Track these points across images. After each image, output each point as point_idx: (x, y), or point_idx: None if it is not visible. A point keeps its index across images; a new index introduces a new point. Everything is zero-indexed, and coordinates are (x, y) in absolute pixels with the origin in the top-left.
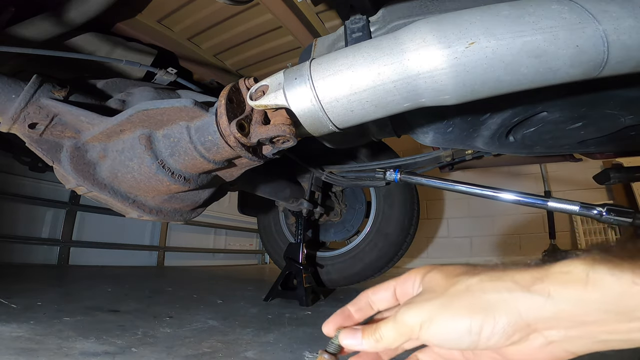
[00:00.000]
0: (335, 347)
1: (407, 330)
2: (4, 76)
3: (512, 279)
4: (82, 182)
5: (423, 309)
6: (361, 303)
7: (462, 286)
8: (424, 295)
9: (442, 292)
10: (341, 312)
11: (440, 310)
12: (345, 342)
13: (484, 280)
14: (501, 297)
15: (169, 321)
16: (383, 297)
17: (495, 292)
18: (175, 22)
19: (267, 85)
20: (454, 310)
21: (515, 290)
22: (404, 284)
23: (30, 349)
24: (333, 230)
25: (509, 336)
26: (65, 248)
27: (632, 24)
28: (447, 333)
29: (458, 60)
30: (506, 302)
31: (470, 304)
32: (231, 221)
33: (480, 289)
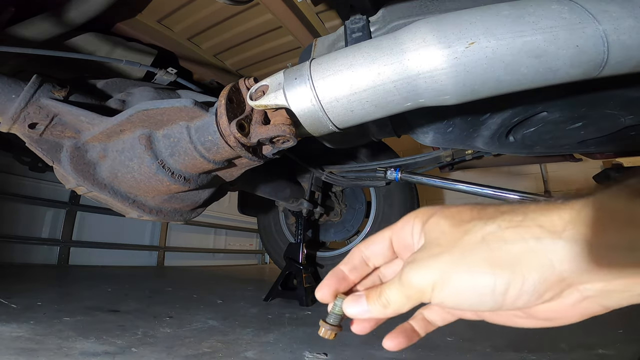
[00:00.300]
0: (335, 317)
1: (416, 293)
2: (4, 76)
3: (538, 224)
4: (82, 182)
5: (433, 267)
6: (354, 261)
7: (477, 236)
8: (430, 249)
9: (453, 245)
10: (334, 274)
11: (454, 267)
12: (349, 311)
13: (503, 228)
14: (528, 248)
15: (169, 321)
16: (378, 250)
17: (521, 241)
18: (175, 22)
19: (267, 85)
20: (472, 267)
21: (544, 238)
22: (401, 232)
23: (30, 349)
24: (333, 230)
25: (540, 295)
26: (65, 248)
27: (632, 24)
28: (466, 294)
29: (458, 60)
30: (535, 253)
31: (491, 257)
32: (231, 221)
33: (501, 238)
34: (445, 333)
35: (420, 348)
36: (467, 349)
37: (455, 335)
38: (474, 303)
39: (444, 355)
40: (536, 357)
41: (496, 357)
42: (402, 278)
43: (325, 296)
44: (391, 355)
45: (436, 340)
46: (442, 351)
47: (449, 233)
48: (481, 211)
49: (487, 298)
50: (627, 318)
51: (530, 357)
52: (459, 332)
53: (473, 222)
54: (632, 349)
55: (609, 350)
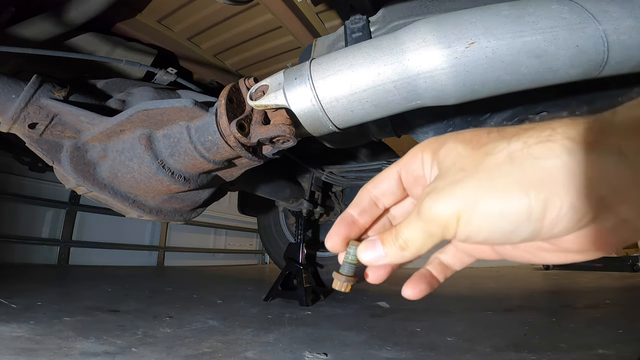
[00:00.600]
0: (349, 267)
1: (438, 228)
2: (4, 76)
3: (568, 137)
4: (82, 182)
5: (456, 194)
6: (363, 202)
7: (502, 155)
8: (450, 176)
9: (475, 167)
10: (342, 220)
11: (481, 192)
12: (364, 258)
13: (530, 144)
14: (562, 164)
15: (169, 321)
16: (387, 189)
17: (553, 157)
18: (175, 22)
19: (267, 85)
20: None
21: (577, 152)
22: (409, 166)
23: (30, 349)
24: None
25: (579, 218)
26: (65, 248)
27: (632, 24)
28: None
29: (458, 60)
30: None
31: (522, 177)
32: (231, 221)
33: (530, 155)
34: (445, 333)
35: (420, 348)
36: (467, 349)
37: (455, 335)
38: (507, 232)
39: (444, 355)
40: (536, 357)
41: (496, 357)
42: (421, 211)
43: (336, 245)
44: (391, 355)
45: (436, 340)
46: (442, 351)
47: (468, 156)
48: (501, 131)
49: (523, 225)
50: (627, 318)
51: (530, 357)
52: (459, 332)
53: (494, 143)
54: (632, 349)
55: (609, 350)
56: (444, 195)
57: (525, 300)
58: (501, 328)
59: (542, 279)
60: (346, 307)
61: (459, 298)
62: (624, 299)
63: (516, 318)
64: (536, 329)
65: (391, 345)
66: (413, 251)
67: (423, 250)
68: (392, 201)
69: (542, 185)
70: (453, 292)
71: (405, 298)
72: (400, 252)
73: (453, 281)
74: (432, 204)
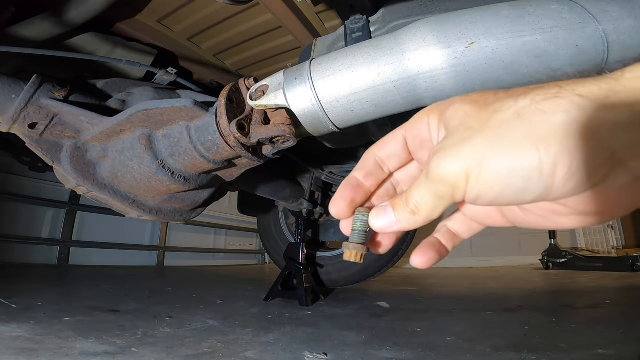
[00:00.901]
0: (359, 235)
1: (447, 188)
2: (4, 76)
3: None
4: (82, 182)
5: (464, 152)
6: (369, 165)
7: (510, 112)
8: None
9: (483, 125)
10: (347, 183)
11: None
12: (376, 224)
13: (538, 101)
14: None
15: (169, 321)
16: (392, 151)
17: (562, 112)
18: (175, 22)
19: (267, 85)
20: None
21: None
22: (415, 129)
23: (30, 349)
24: (333, 230)
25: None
26: (65, 248)
27: (632, 24)
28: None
29: (458, 60)
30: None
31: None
32: (231, 221)
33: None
34: (445, 333)
35: (420, 348)
36: (467, 349)
37: (455, 335)
38: (518, 190)
39: (444, 355)
40: (536, 357)
41: (496, 357)
42: (429, 172)
43: (341, 210)
44: (391, 355)
45: (436, 340)
46: (442, 351)
47: (475, 115)
48: (508, 91)
49: (534, 182)
50: (627, 318)
51: (530, 357)
52: (459, 332)
53: (501, 102)
54: (632, 349)
55: (609, 350)
56: (452, 154)
57: (525, 300)
58: (501, 328)
59: (542, 279)
60: (346, 307)
61: (459, 298)
62: (624, 299)
63: (516, 318)
64: (536, 329)
65: (391, 345)
66: (425, 215)
67: (434, 214)
68: (398, 164)
69: (553, 140)
70: (453, 292)
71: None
72: (412, 217)
73: (453, 281)
74: (439, 163)
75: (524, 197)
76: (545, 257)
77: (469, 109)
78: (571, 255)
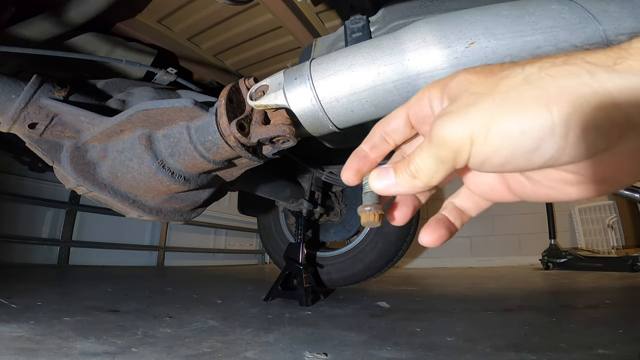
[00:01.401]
0: (370, 197)
1: (449, 152)
2: (4, 76)
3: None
4: (82, 182)
5: (470, 115)
6: (375, 138)
7: (518, 79)
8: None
9: (490, 90)
10: (355, 154)
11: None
12: (376, 186)
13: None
14: (583, 82)
15: (169, 321)
16: (396, 126)
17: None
18: (175, 22)
19: (267, 85)
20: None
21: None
22: (417, 105)
23: (30, 349)
24: (333, 230)
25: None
26: (65, 248)
27: (632, 24)
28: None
29: (458, 60)
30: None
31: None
32: (231, 221)
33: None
34: (445, 333)
35: (420, 348)
36: (467, 349)
37: (455, 335)
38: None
39: (444, 355)
40: (536, 357)
41: (496, 357)
42: (432, 135)
43: (350, 177)
44: (391, 355)
45: (436, 340)
46: (442, 351)
47: (481, 82)
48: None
49: (547, 142)
50: (627, 318)
51: (530, 357)
52: (459, 332)
53: (508, 70)
54: (632, 349)
55: (609, 350)
56: (457, 117)
57: (525, 300)
58: (501, 328)
59: (542, 279)
60: (346, 307)
61: (459, 298)
62: (624, 299)
63: (516, 318)
64: (536, 329)
65: (391, 345)
66: (424, 180)
67: (434, 179)
68: (402, 139)
69: (564, 102)
70: (453, 292)
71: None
72: (412, 181)
73: (453, 281)
74: (443, 125)
75: (534, 161)
76: (545, 257)
77: (474, 77)
78: (571, 255)
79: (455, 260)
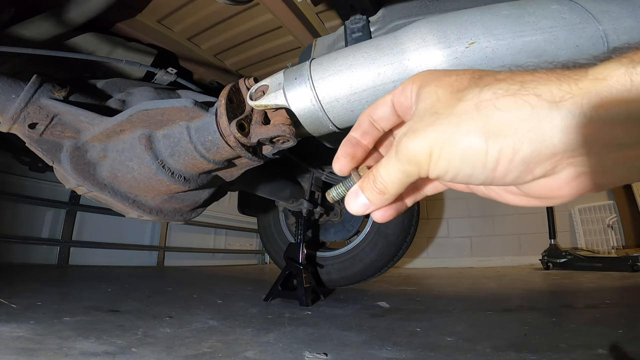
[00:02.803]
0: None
1: (414, 166)
2: (4, 76)
3: (535, 93)
4: (82, 182)
5: (428, 134)
6: (364, 125)
7: (472, 103)
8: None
9: (448, 112)
10: (347, 141)
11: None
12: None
13: (499, 95)
14: (522, 117)
15: (169, 321)
16: (383, 113)
17: (515, 109)
18: (175, 22)
19: (267, 85)
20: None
21: (540, 108)
22: (401, 95)
23: (30, 349)
24: (333, 230)
25: (531, 169)
26: (65, 248)
27: (632, 24)
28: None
29: (458, 60)
30: (529, 123)
31: (484, 125)
32: (231, 221)
33: (495, 106)
34: (445, 333)
35: (420, 348)
36: (467, 349)
37: (455, 335)
38: (466, 176)
39: (444, 355)
40: (536, 357)
41: (496, 357)
42: (397, 149)
43: (344, 164)
44: (391, 355)
45: (436, 340)
46: (442, 351)
47: (444, 101)
48: (478, 79)
49: (478, 171)
50: (627, 318)
51: (530, 357)
52: (459, 332)
53: (469, 89)
54: (632, 349)
55: (609, 350)
56: (418, 135)
57: (525, 300)
58: (501, 328)
59: (542, 279)
60: (346, 307)
61: (459, 298)
62: (624, 299)
63: (516, 318)
64: (536, 329)
65: (391, 345)
66: (392, 193)
67: (400, 190)
68: (389, 125)
69: (499, 136)
70: (453, 292)
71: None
72: (382, 196)
73: (453, 281)
74: (408, 142)
75: (472, 181)
76: (545, 257)
77: (441, 92)
78: (571, 255)
79: (455, 260)
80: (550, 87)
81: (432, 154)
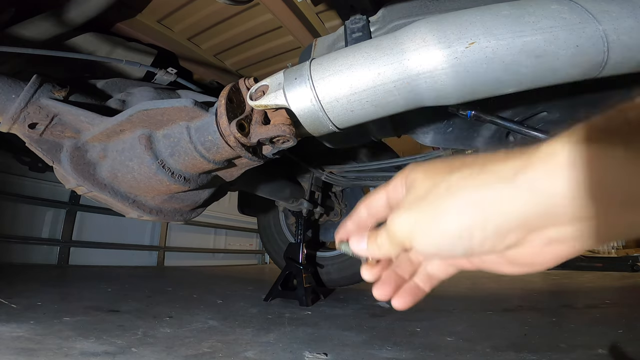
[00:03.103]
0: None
1: (398, 241)
2: (4, 76)
3: (494, 172)
4: (82, 182)
5: (408, 217)
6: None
7: (443, 186)
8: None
9: (425, 196)
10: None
11: (425, 216)
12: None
13: (465, 177)
14: (485, 195)
15: (169, 321)
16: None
17: (478, 188)
18: (175, 22)
19: (267, 85)
20: (439, 215)
21: (497, 185)
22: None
23: (30, 349)
24: (333, 230)
25: (502, 239)
26: (65, 248)
27: (632, 24)
28: (439, 240)
29: (458, 60)
30: (491, 200)
31: (455, 205)
32: (231, 221)
33: (462, 187)
34: (445, 333)
35: (420, 348)
36: (467, 349)
37: (455, 335)
38: (447, 249)
39: (444, 355)
40: (536, 357)
41: (496, 357)
42: (387, 226)
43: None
44: (391, 355)
45: (436, 340)
46: (442, 351)
47: (422, 186)
48: (450, 164)
49: (457, 244)
50: (627, 318)
51: (530, 357)
52: (459, 332)
53: (441, 175)
54: (632, 349)
55: (609, 350)
56: (401, 217)
57: (525, 300)
58: (501, 328)
59: (542, 279)
60: (346, 307)
61: (459, 298)
62: (624, 299)
63: (516, 318)
64: (536, 329)
65: (391, 345)
66: (384, 253)
67: (393, 253)
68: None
69: (469, 212)
70: (453, 292)
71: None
72: (377, 250)
73: (453, 281)
74: (393, 222)
75: (453, 253)
76: None
77: (421, 178)
78: None
79: None
80: (509, 165)
81: (412, 233)
